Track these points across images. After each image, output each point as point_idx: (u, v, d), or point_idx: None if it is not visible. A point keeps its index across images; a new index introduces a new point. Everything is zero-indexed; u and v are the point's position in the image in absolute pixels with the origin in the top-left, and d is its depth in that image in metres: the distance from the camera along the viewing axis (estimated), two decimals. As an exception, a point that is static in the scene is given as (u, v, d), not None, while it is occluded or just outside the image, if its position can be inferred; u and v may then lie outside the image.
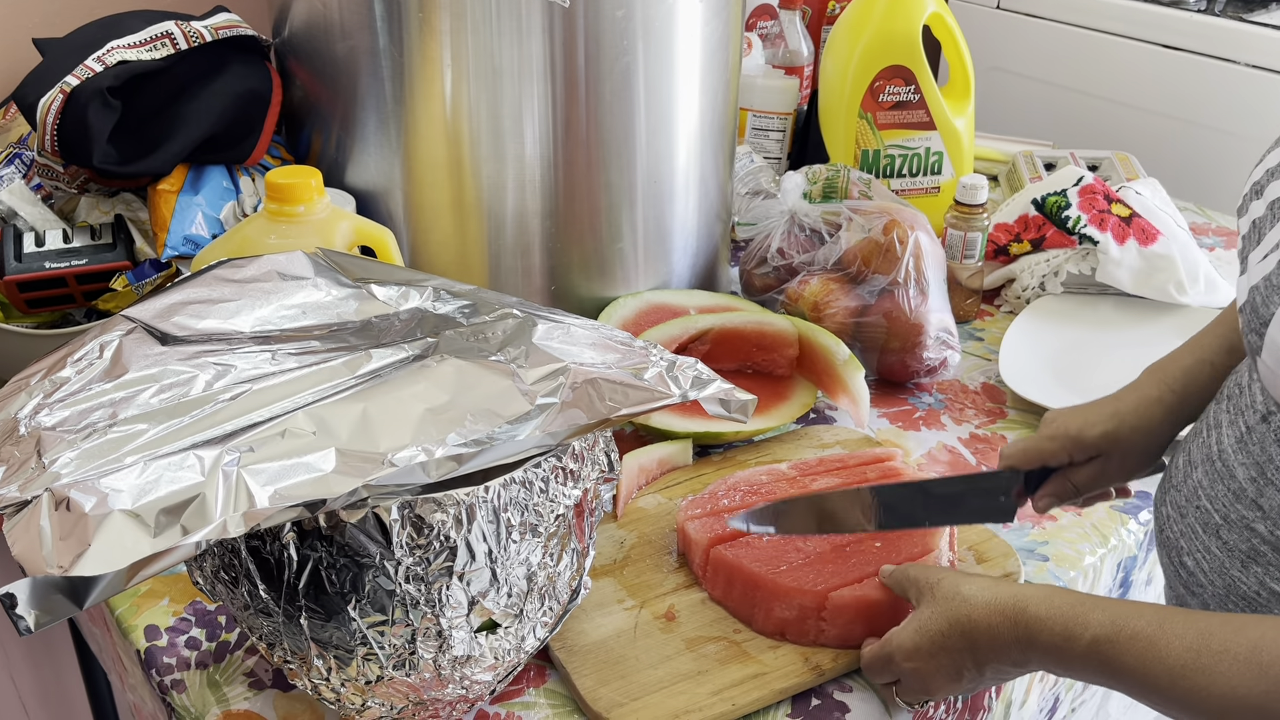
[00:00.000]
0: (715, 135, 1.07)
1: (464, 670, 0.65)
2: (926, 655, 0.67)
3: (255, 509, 0.53)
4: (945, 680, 0.67)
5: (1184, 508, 0.68)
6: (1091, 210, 1.18)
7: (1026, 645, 0.63)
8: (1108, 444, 0.75)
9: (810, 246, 1.11)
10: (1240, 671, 0.55)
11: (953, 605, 0.66)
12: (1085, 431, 0.75)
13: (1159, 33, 1.60)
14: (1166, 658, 0.57)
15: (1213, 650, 0.56)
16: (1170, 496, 0.71)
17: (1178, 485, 0.70)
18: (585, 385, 0.61)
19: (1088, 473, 0.77)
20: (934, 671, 0.67)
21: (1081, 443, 0.76)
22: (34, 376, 0.64)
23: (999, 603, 0.64)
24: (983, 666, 0.66)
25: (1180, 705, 0.57)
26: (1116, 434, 0.75)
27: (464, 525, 0.60)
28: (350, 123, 1.00)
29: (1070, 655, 0.61)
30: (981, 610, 0.65)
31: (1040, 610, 0.62)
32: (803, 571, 0.77)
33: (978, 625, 0.64)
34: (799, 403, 1.00)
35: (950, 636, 0.66)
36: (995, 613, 0.64)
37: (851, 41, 1.25)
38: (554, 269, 1.02)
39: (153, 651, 0.76)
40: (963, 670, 0.66)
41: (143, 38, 1.02)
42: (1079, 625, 0.60)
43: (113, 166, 1.00)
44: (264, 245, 0.83)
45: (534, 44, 0.92)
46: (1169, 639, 0.57)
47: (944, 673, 0.67)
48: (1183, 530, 0.68)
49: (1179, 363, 0.76)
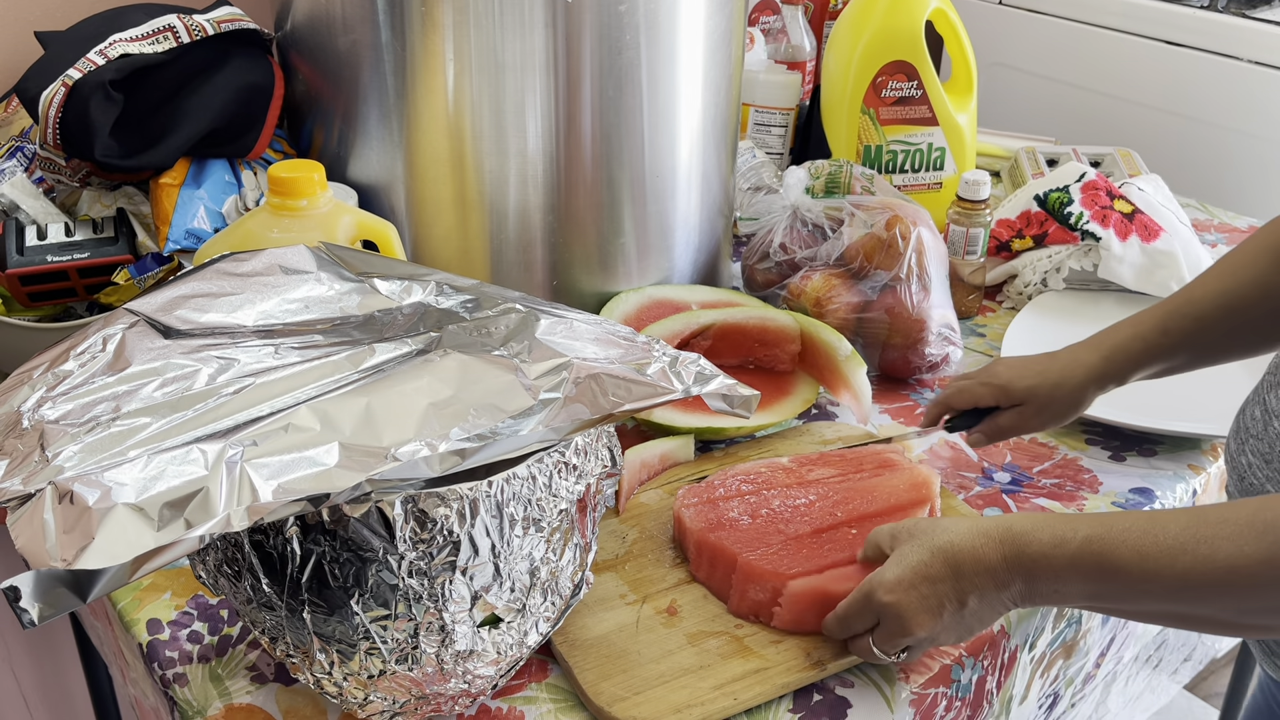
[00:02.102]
0: (717, 130, 1.07)
1: (466, 665, 0.65)
2: (908, 586, 0.67)
3: (259, 503, 0.53)
4: (925, 614, 0.66)
5: (1268, 455, 0.71)
6: (1094, 206, 1.18)
7: (1014, 560, 0.63)
8: (1029, 396, 0.85)
9: (812, 242, 1.11)
10: (1244, 534, 0.56)
11: (934, 535, 0.67)
12: (1013, 383, 0.86)
13: (1162, 29, 1.59)
14: (1163, 538, 0.58)
15: (1210, 521, 0.57)
16: (1251, 445, 0.74)
17: (1258, 435, 0.73)
18: (588, 380, 0.61)
19: (1010, 418, 0.87)
20: (914, 604, 0.66)
21: (1008, 392, 0.86)
22: (37, 370, 0.64)
23: (982, 526, 0.66)
24: (965, 596, 0.65)
25: (1181, 582, 0.57)
26: (1038, 390, 0.85)
27: (467, 520, 0.60)
28: (352, 117, 1.00)
29: (1060, 560, 0.61)
30: (965, 535, 0.65)
31: (1027, 525, 0.64)
32: (778, 555, 0.77)
33: (961, 549, 0.65)
34: (801, 398, 1.00)
35: (933, 565, 0.66)
36: (979, 535, 0.65)
37: (854, 37, 1.24)
38: (556, 264, 1.02)
39: (155, 645, 0.76)
40: (944, 602, 0.66)
41: (145, 31, 1.01)
42: (1069, 529, 0.62)
43: (115, 160, 1.00)
44: (266, 239, 0.83)
45: (536, 38, 0.92)
46: (1163, 523, 0.59)
47: (925, 605, 0.66)
48: (1269, 475, 0.71)
49: (1117, 333, 0.85)
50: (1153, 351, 0.83)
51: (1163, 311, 0.84)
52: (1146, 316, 0.84)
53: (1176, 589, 0.58)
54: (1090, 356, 0.85)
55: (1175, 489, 0.94)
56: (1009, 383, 0.86)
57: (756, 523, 0.80)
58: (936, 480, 0.84)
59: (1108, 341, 0.85)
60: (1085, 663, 0.94)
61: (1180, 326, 0.82)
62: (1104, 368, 0.84)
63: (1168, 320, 0.83)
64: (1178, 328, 0.82)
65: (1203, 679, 1.86)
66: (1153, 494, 0.93)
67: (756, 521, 0.80)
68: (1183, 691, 1.82)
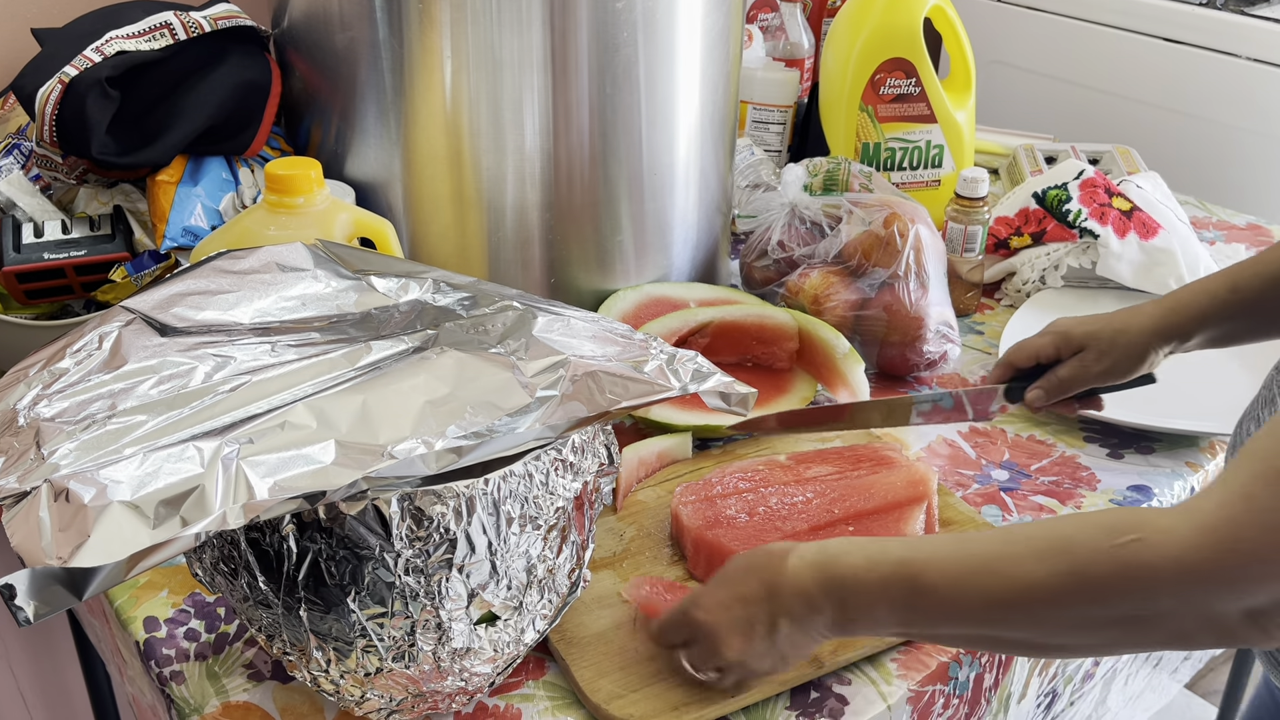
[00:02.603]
0: (715, 128, 1.07)
1: (463, 662, 0.65)
2: (721, 606, 0.66)
3: (255, 501, 0.53)
4: (736, 635, 0.65)
5: None
6: (1092, 204, 1.18)
7: (826, 582, 0.62)
8: (1090, 340, 0.85)
9: (810, 239, 1.11)
10: (1044, 551, 0.56)
11: (756, 555, 0.66)
12: (1073, 329, 0.86)
13: (1160, 26, 1.59)
14: (969, 560, 0.58)
15: (1014, 540, 0.58)
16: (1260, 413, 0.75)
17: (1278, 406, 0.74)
18: (585, 378, 0.61)
19: (1070, 367, 0.85)
20: (726, 624, 0.65)
21: (1069, 337, 0.86)
22: (33, 367, 0.64)
23: (802, 549, 0.65)
24: (776, 618, 0.64)
25: (985, 603, 0.57)
26: (1100, 333, 0.84)
27: (464, 517, 0.60)
28: (350, 114, 1.00)
29: (871, 582, 0.61)
30: (782, 558, 0.65)
31: (843, 546, 0.64)
32: None
33: (779, 570, 0.64)
34: (799, 396, 1.00)
35: (748, 583, 0.65)
36: (796, 557, 0.64)
37: (852, 34, 1.24)
38: (554, 261, 1.02)
39: (152, 643, 0.76)
40: (755, 624, 0.65)
41: (142, 28, 1.01)
42: (880, 551, 0.62)
43: (111, 157, 1.00)
44: (263, 237, 0.83)
45: (534, 35, 0.92)
46: (972, 544, 0.59)
47: (736, 626, 0.65)
48: None
49: (1183, 290, 0.85)
50: (1220, 308, 0.82)
51: (1234, 270, 0.83)
52: (1217, 275, 0.84)
53: (982, 609, 0.58)
54: (1154, 308, 0.84)
55: (1173, 486, 0.94)
56: (1068, 329, 0.86)
57: (754, 520, 0.80)
58: (934, 478, 0.84)
59: (1173, 296, 0.85)
60: (1084, 661, 0.94)
61: (1250, 285, 0.81)
62: (1168, 319, 0.83)
63: (1238, 278, 0.82)
64: (1247, 285, 0.81)
65: (1201, 677, 1.86)
66: (1150, 491, 0.93)
67: (754, 519, 0.80)
68: (1182, 690, 1.82)
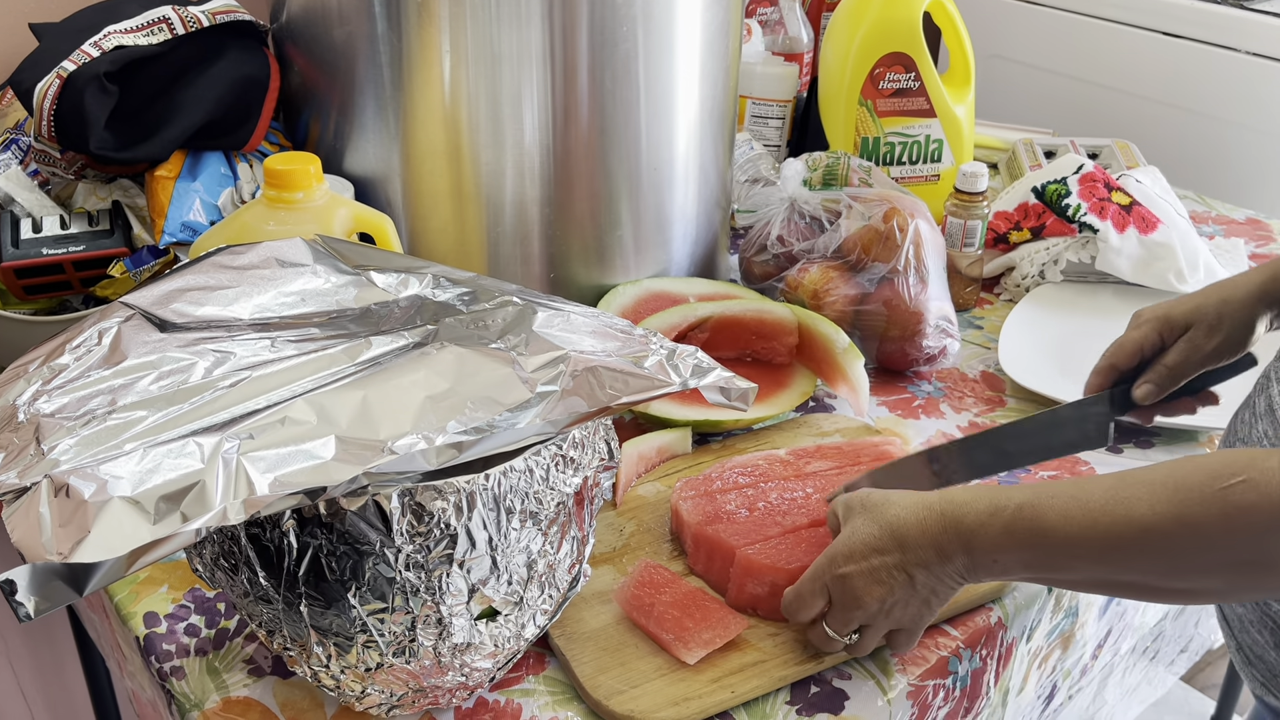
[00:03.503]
0: (715, 122, 1.06)
1: (464, 658, 0.65)
2: (858, 558, 0.67)
3: (255, 496, 0.52)
4: (875, 585, 0.67)
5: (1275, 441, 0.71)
6: (1091, 198, 1.18)
7: (953, 531, 0.64)
8: (1196, 316, 0.78)
9: (810, 234, 1.11)
10: (1155, 493, 0.57)
11: (881, 509, 0.68)
12: (1173, 309, 0.79)
13: (1160, 20, 1.59)
14: (1087, 501, 0.59)
15: (1129, 483, 0.59)
16: (1238, 447, 0.74)
17: (1244, 436, 0.73)
18: (585, 373, 0.61)
19: (1179, 350, 0.78)
20: (864, 578, 0.67)
21: (1170, 320, 0.79)
22: (32, 363, 0.64)
23: (926, 499, 0.66)
24: (912, 570, 0.66)
25: (1104, 544, 0.58)
26: (1204, 306, 0.78)
27: (464, 513, 0.60)
28: (349, 109, 1.00)
29: (995, 529, 0.62)
30: (910, 508, 0.66)
31: (966, 495, 0.65)
32: (776, 548, 0.77)
33: (906, 523, 0.66)
34: (798, 391, 1.00)
35: (881, 539, 0.67)
36: (923, 507, 0.66)
37: (851, 28, 1.24)
38: (553, 256, 1.02)
39: (152, 639, 0.76)
40: (892, 574, 0.67)
41: (140, 22, 1.01)
42: (1003, 497, 0.63)
43: (110, 152, 0.99)
44: (262, 232, 0.83)
45: (533, 30, 0.91)
46: (1089, 487, 0.60)
47: (875, 577, 0.67)
48: None
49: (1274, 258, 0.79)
50: None
51: None
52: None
53: (1100, 551, 0.59)
54: (1254, 276, 0.79)
55: (1172, 481, 0.94)
56: (1167, 312, 0.79)
57: (754, 515, 0.80)
58: (934, 472, 0.84)
59: (1273, 264, 0.80)
60: (1082, 655, 0.94)
61: None
62: (1271, 284, 0.78)
63: None
64: None
65: (1199, 670, 1.87)
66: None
67: (754, 514, 0.80)
68: (1179, 683, 1.82)
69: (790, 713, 0.72)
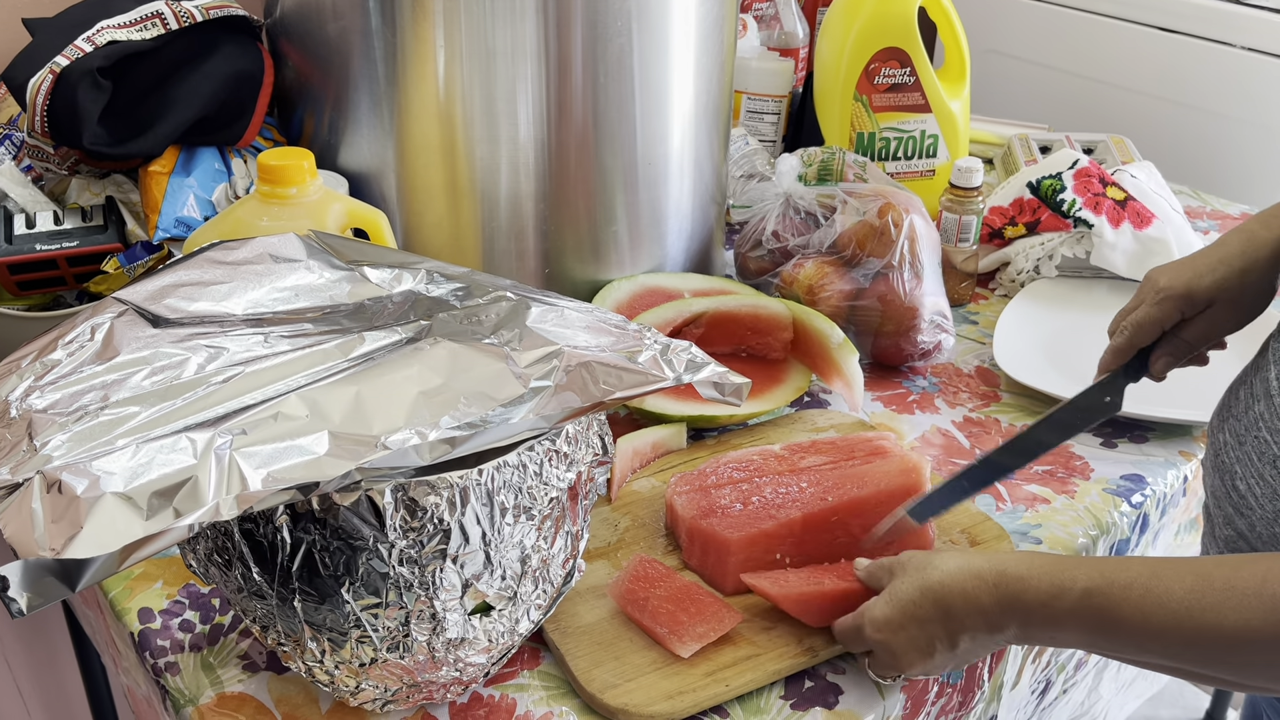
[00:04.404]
0: (710, 118, 1.06)
1: (458, 653, 0.65)
2: (897, 626, 0.66)
3: (248, 491, 0.52)
4: (915, 653, 0.66)
5: (1243, 436, 0.69)
6: (1086, 193, 1.18)
7: (1008, 607, 0.61)
8: (1220, 291, 0.75)
9: (805, 229, 1.11)
10: (1251, 605, 0.54)
11: (924, 573, 0.65)
12: (1195, 284, 0.75)
13: (1155, 15, 1.59)
14: (1168, 600, 0.56)
15: (1216, 588, 0.55)
16: (1229, 425, 0.72)
17: (1238, 415, 0.71)
18: (579, 368, 0.61)
19: (1200, 326, 0.76)
20: (904, 644, 0.66)
21: (1193, 297, 0.75)
22: (25, 359, 0.64)
23: (974, 567, 0.63)
24: (956, 637, 0.64)
25: (1185, 645, 0.56)
26: (1227, 280, 0.74)
27: (457, 508, 0.60)
28: (343, 104, 1.00)
29: (1059, 611, 0.59)
30: (956, 576, 0.63)
31: (1022, 570, 0.61)
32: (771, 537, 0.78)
33: (951, 591, 0.63)
34: (793, 386, 1.00)
35: (922, 605, 0.64)
36: (972, 577, 0.62)
37: (847, 23, 1.24)
38: (548, 252, 1.02)
39: (146, 634, 0.76)
40: (934, 642, 0.65)
41: (133, 18, 1.01)
42: (1067, 579, 0.59)
43: (103, 148, 0.99)
44: (256, 227, 0.83)
45: (527, 25, 0.91)
46: (1167, 583, 0.56)
47: (914, 645, 0.65)
48: (1239, 456, 0.69)
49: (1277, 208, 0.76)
50: None
51: None
52: None
53: (1180, 649, 0.56)
54: (1263, 231, 0.75)
55: (1166, 475, 0.94)
56: (1189, 286, 0.75)
57: (748, 510, 0.80)
58: (927, 466, 0.84)
59: (1269, 213, 0.76)
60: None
61: None
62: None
63: None
64: None
65: (1194, 664, 1.86)
66: (1144, 480, 0.94)
67: (748, 509, 0.80)
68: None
69: (784, 707, 0.72)
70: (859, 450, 0.87)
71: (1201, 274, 0.75)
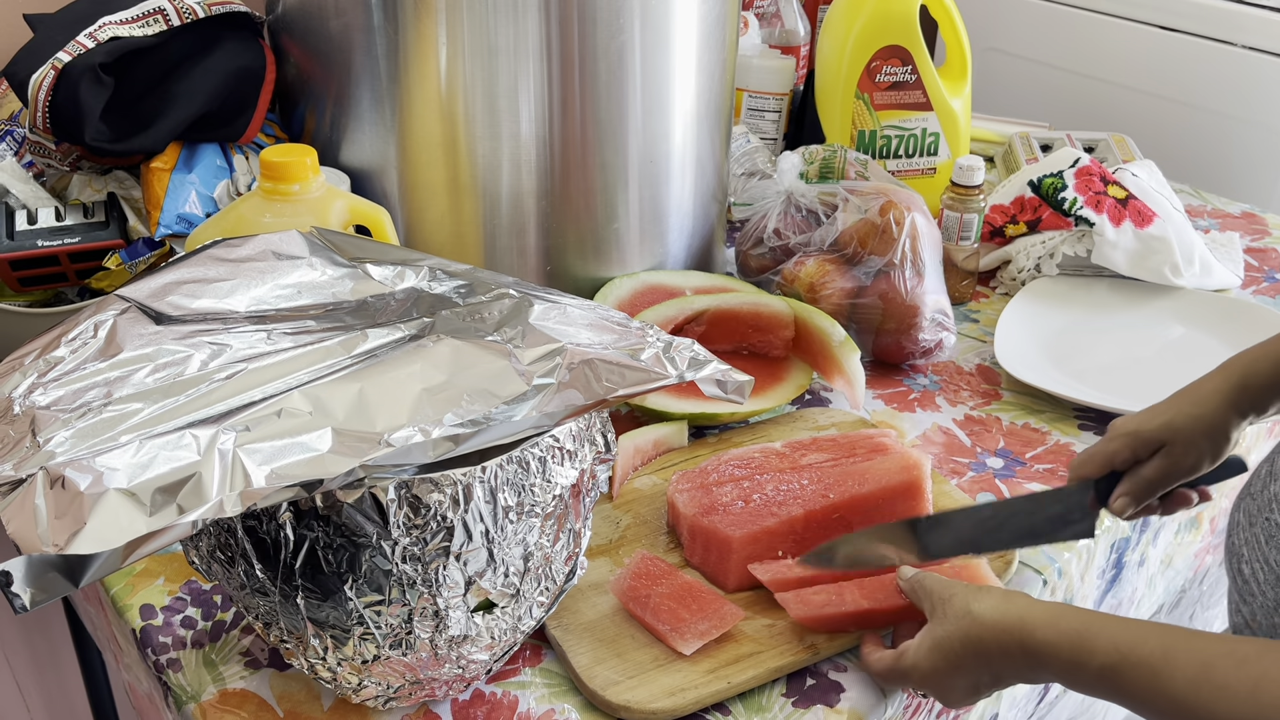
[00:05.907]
0: (711, 115, 1.06)
1: (460, 650, 0.65)
2: (943, 675, 0.67)
3: (252, 488, 0.52)
4: (962, 695, 0.68)
5: (1254, 517, 0.70)
6: (1087, 192, 1.18)
7: (1036, 666, 0.64)
8: (1167, 433, 0.75)
9: (806, 227, 1.11)
10: (1240, 708, 0.56)
11: (964, 624, 0.67)
12: (1143, 425, 0.76)
13: (1157, 14, 1.59)
14: (1170, 689, 0.58)
15: (1214, 684, 0.57)
16: (1245, 504, 0.72)
17: (1255, 495, 0.71)
18: (582, 366, 0.61)
19: (1155, 466, 0.76)
20: (952, 689, 0.68)
21: (1141, 436, 0.76)
22: (28, 356, 0.64)
23: (1007, 623, 0.65)
24: (1000, 680, 0.67)
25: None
26: (1173, 422, 0.75)
27: (461, 505, 0.60)
28: (345, 101, 1.00)
29: (1079, 680, 0.62)
30: (991, 631, 0.65)
31: (1047, 635, 0.63)
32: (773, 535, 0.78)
33: (989, 646, 0.65)
34: (794, 384, 1.00)
35: (965, 657, 0.66)
36: (1004, 633, 0.65)
37: (848, 21, 1.24)
38: (550, 249, 1.02)
39: (148, 631, 0.76)
40: (980, 685, 0.67)
41: (135, 13, 1.01)
42: (1085, 654, 0.62)
43: (105, 144, 0.99)
44: (258, 224, 0.83)
45: (530, 22, 0.91)
46: (1172, 670, 0.59)
47: (962, 690, 0.67)
48: (1246, 539, 0.70)
49: (1246, 355, 0.77)
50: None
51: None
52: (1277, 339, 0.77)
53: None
54: (1217, 381, 0.77)
55: (1167, 474, 0.94)
56: (1138, 428, 0.77)
57: (750, 507, 0.80)
58: (928, 463, 0.84)
59: (1235, 363, 0.77)
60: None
61: None
62: (1242, 395, 0.76)
63: None
64: None
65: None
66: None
67: (750, 506, 0.80)
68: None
69: (786, 704, 0.72)
70: (860, 448, 0.87)
71: (1156, 414, 0.77)
